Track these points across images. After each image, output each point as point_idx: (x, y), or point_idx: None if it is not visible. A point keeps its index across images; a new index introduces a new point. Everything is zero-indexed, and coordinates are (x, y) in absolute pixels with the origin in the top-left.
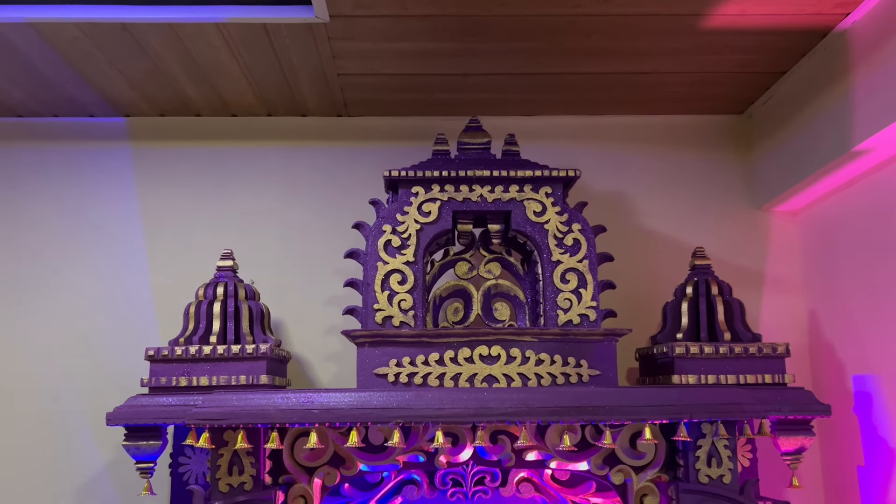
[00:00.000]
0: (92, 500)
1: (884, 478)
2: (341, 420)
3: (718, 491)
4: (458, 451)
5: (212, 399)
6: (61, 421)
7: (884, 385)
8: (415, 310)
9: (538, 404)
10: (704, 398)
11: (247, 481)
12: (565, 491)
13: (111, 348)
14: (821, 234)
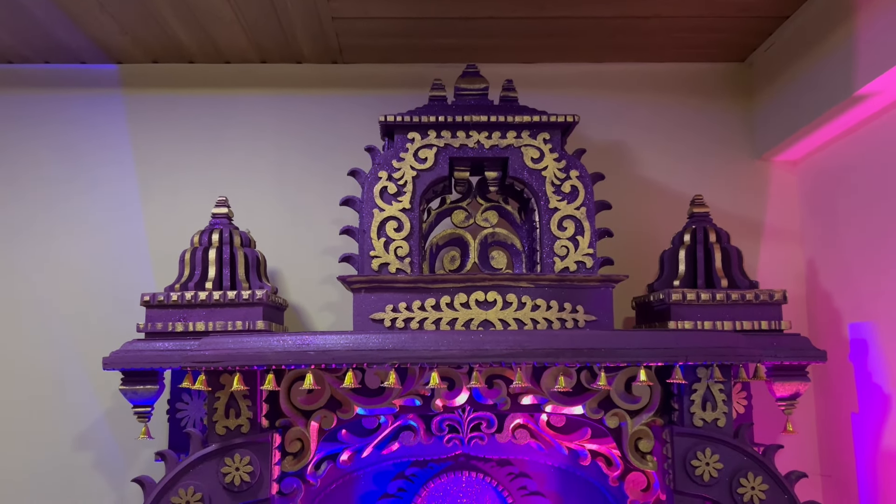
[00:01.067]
0: (90, 447)
1: (877, 424)
2: (337, 361)
3: (713, 434)
4: (454, 394)
5: (208, 342)
6: (58, 369)
7: (880, 332)
8: (411, 257)
9: (534, 346)
10: (700, 342)
11: (244, 424)
12: (561, 437)
13: (106, 296)
14: (820, 183)
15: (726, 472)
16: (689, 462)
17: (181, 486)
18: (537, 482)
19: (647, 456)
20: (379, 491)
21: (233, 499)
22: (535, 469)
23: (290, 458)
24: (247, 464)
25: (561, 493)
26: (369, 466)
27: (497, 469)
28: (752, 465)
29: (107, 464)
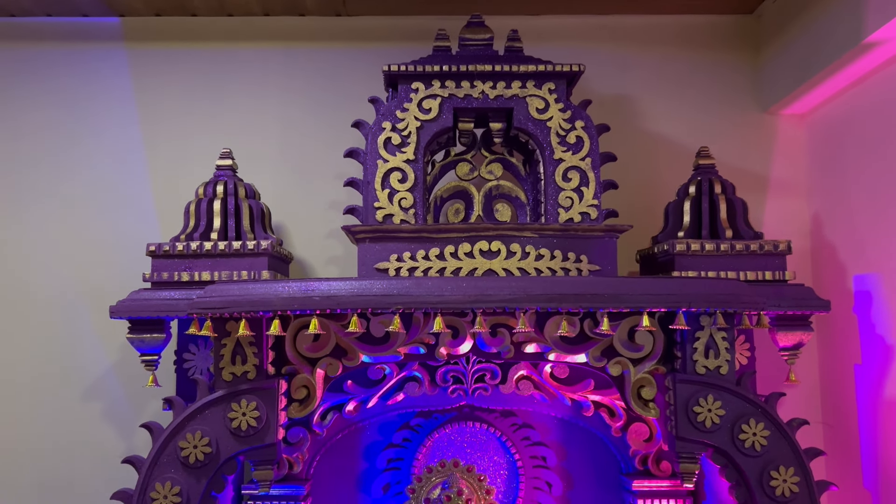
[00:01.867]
0: (99, 398)
1: (880, 375)
2: (342, 307)
3: (715, 381)
4: (458, 343)
5: (213, 289)
6: (65, 321)
7: (884, 283)
8: (415, 208)
9: (537, 291)
10: (703, 288)
11: (250, 370)
12: (564, 388)
13: (113, 249)
14: (827, 136)
15: (728, 418)
16: (690, 409)
17: (188, 430)
18: (541, 433)
19: (650, 403)
20: (384, 441)
21: (240, 443)
22: (538, 420)
23: (296, 405)
24: (253, 409)
25: (564, 444)
26: (374, 417)
27: (501, 420)
28: (754, 411)
29: (115, 414)
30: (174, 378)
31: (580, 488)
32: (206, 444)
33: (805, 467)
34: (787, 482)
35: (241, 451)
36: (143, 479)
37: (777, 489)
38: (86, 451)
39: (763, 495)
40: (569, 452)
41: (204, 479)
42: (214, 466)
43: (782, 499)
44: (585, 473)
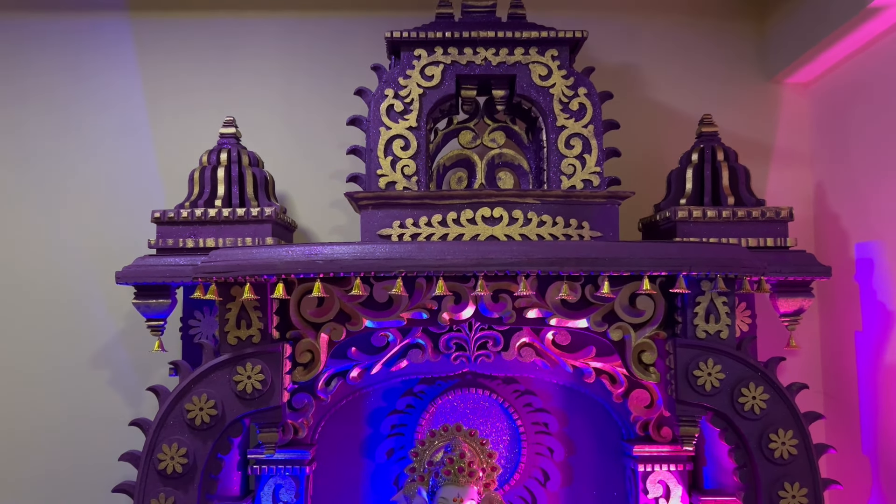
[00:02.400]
0: (105, 365)
1: (880, 342)
2: (345, 270)
3: (715, 346)
4: (461, 308)
5: (218, 253)
6: (72, 288)
7: (886, 250)
8: (418, 176)
9: (539, 255)
10: (704, 253)
11: (255, 334)
12: (566, 355)
13: (117, 216)
14: (831, 105)
15: (728, 382)
16: (691, 372)
17: (194, 393)
18: (542, 399)
19: (650, 368)
20: (388, 407)
21: (245, 406)
22: (540, 387)
23: (301, 369)
24: (258, 372)
25: (565, 410)
26: (378, 383)
27: (503, 386)
28: (754, 375)
29: (122, 380)
30: (180, 345)
31: (582, 454)
32: (212, 407)
33: (804, 430)
34: (786, 445)
35: (246, 413)
36: (151, 441)
37: (776, 451)
38: (94, 415)
39: (762, 458)
40: (570, 419)
41: (210, 441)
42: (220, 429)
43: (781, 461)
44: (587, 439)
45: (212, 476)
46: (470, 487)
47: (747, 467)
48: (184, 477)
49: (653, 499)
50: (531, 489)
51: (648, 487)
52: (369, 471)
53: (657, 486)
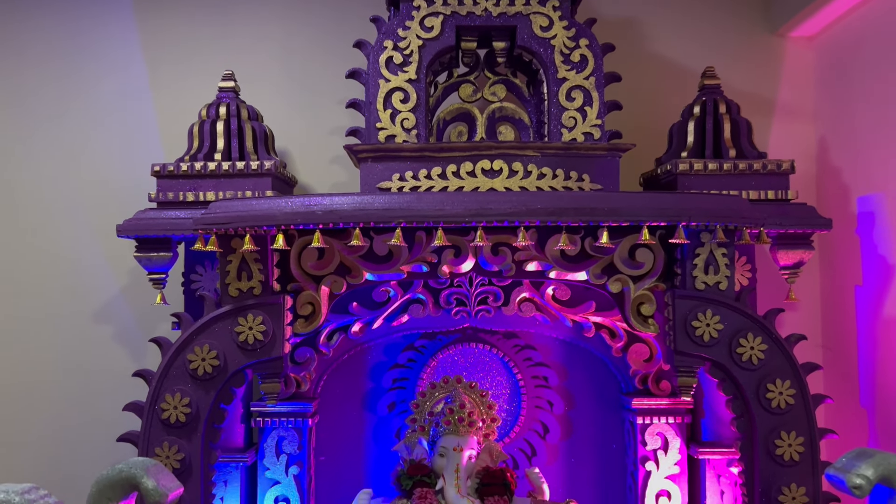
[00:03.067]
0: (109, 321)
1: (880, 295)
2: (344, 220)
3: (714, 297)
4: (460, 261)
5: (218, 205)
6: (74, 244)
7: (887, 203)
8: (417, 129)
9: (538, 205)
10: (704, 203)
11: (255, 286)
12: (565, 310)
13: (117, 171)
14: (835, 59)
15: (726, 332)
16: (689, 323)
17: (197, 344)
18: (542, 354)
19: (649, 320)
20: (389, 361)
21: (247, 356)
22: (540, 341)
23: (302, 321)
24: (259, 323)
25: (565, 364)
26: (380, 338)
27: (503, 341)
28: (753, 326)
29: (125, 336)
30: (182, 299)
31: (581, 407)
32: (214, 357)
33: (801, 380)
34: (783, 394)
35: (248, 364)
36: (154, 391)
37: (773, 401)
38: (98, 370)
39: (759, 407)
40: (570, 372)
41: (213, 391)
42: (223, 379)
43: (778, 410)
44: (586, 393)
45: (215, 425)
46: (470, 437)
47: (744, 417)
48: (187, 426)
49: (651, 451)
50: (531, 441)
51: (647, 439)
52: (371, 424)
53: (655, 438)
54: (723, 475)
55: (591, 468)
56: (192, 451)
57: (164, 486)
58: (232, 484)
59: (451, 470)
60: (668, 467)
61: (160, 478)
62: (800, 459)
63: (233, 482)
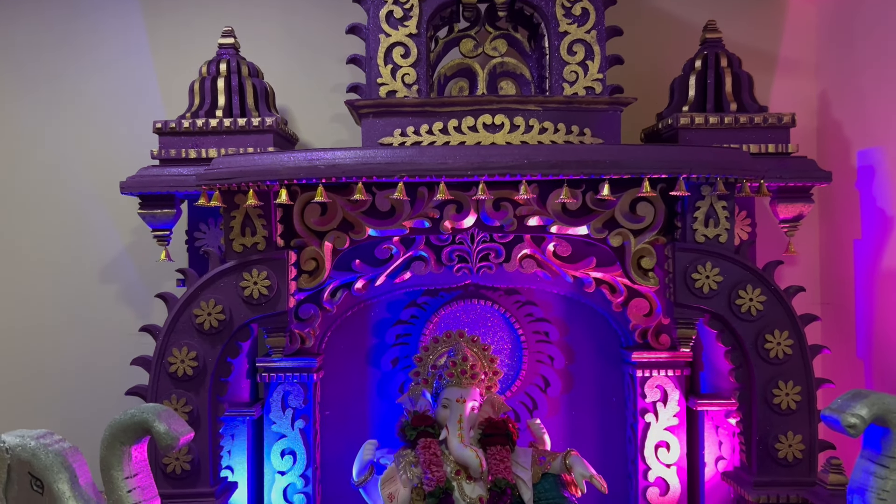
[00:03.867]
0: (114, 280)
1: (878, 248)
2: (346, 175)
3: (714, 249)
4: (462, 216)
5: (220, 160)
6: (79, 205)
7: (888, 155)
8: (418, 84)
9: (540, 158)
10: (704, 155)
11: (259, 242)
12: (566, 266)
13: (120, 130)
14: (838, 12)
15: (726, 284)
16: (689, 275)
17: (202, 299)
18: (543, 309)
19: (649, 273)
20: (392, 318)
21: (252, 311)
22: (541, 297)
23: (306, 276)
24: (264, 278)
25: (566, 320)
26: (383, 295)
27: (505, 297)
28: (752, 278)
29: (131, 293)
30: (186, 257)
31: (581, 361)
32: (220, 312)
33: (799, 331)
34: (781, 345)
35: (253, 318)
36: (161, 346)
37: (771, 352)
38: (105, 327)
39: (757, 357)
40: (570, 328)
41: (219, 345)
42: (229, 333)
43: (776, 361)
44: (586, 347)
45: (222, 379)
46: (472, 389)
47: (743, 367)
48: (194, 379)
49: (650, 403)
50: (532, 395)
51: (646, 392)
52: (375, 379)
53: (655, 390)
54: (721, 426)
55: (591, 421)
56: (200, 404)
57: (175, 430)
58: (239, 437)
59: (455, 421)
60: (668, 419)
61: (171, 422)
62: (797, 408)
63: (240, 436)
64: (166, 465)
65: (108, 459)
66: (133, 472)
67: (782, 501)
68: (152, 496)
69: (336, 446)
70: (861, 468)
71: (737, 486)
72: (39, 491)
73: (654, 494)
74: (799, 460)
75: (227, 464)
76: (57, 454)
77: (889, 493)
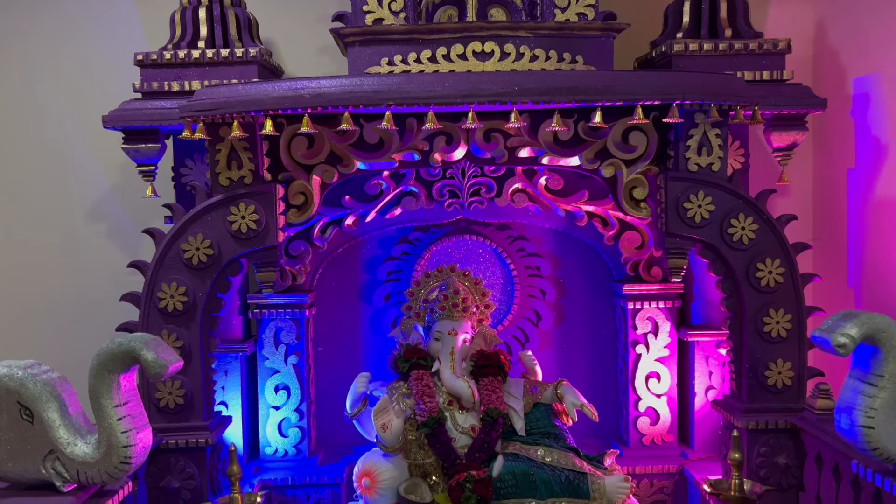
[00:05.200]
0: (102, 220)
1: (871, 177)
2: (332, 104)
3: (707, 178)
4: (452, 148)
5: (204, 91)
6: (62, 144)
7: (884, 82)
8: (406, 11)
9: (531, 84)
10: (698, 81)
11: (246, 175)
12: (558, 200)
13: (100, 62)
14: None
15: (718, 213)
16: (681, 205)
17: (190, 233)
18: (535, 244)
19: (641, 204)
20: (384, 254)
21: (241, 245)
22: (532, 232)
23: (295, 211)
24: (252, 212)
25: (557, 254)
26: (374, 231)
27: (496, 233)
28: (744, 207)
29: (119, 232)
30: (174, 195)
31: (572, 295)
32: (208, 247)
33: (791, 260)
34: (773, 273)
35: (242, 253)
36: (150, 281)
37: (762, 280)
38: (94, 266)
39: (748, 286)
40: (562, 262)
41: (208, 280)
42: (218, 268)
43: (767, 289)
44: (578, 281)
45: (212, 314)
46: (464, 322)
47: (734, 297)
48: (185, 314)
49: (641, 334)
50: (524, 329)
51: (637, 324)
52: (367, 315)
53: (646, 322)
54: (711, 356)
55: (582, 353)
56: (192, 339)
57: (163, 358)
58: (232, 374)
59: (447, 353)
60: (658, 350)
61: (159, 351)
62: (787, 336)
63: (233, 372)
64: (159, 399)
65: (97, 388)
66: (122, 401)
67: (771, 427)
68: (143, 424)
69: (329, 381)
70: (849, 387)
71: (726, 413)
72: (29, 420)
73: (645, 424)
74: (788, 387)
75: (221, 399)
76: (45, 384)
77: (877, 410)
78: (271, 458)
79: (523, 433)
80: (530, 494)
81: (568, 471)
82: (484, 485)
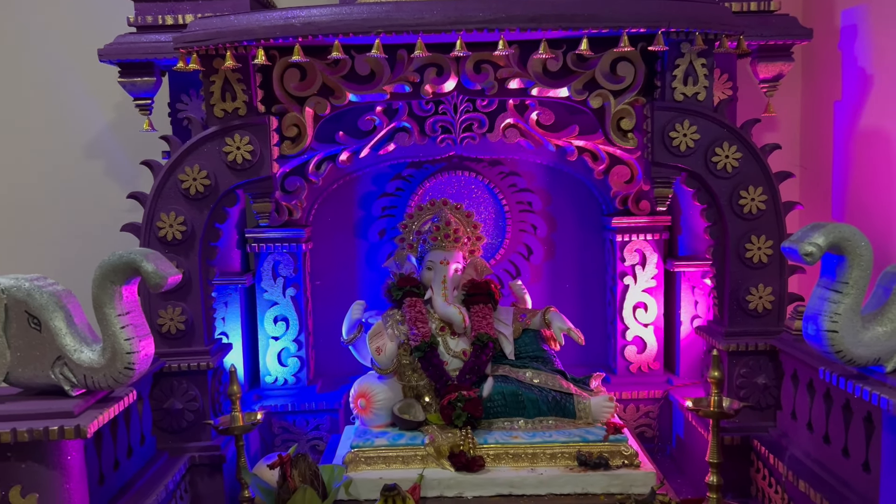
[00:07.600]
0: (99, 157)
1: (857, 108)
2: (323, 32)
3: (692, 108)
4: (443, 80)
5: (196, 23)
6: (58, 81)
7: (871, 12)
8: None
9: (518, 11)
10: (684, 10)
11: (240, 107)
12: (549, 135)
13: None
14: None
15: (703, 142)
16: (667, 134)
17: (187, 164)
18: (526, 180)
19: (629, 134)
20: (378, 191)
21: (237, 176)
22: (524, 167)
23: (289, 143)
24: (247, 143)
25: (548, 190)
26: (368, 167)
27: (489, 168)
28: (729, 136)
29: (117, 169)
30: (171, 130)
31: (563, 229)
32: (205, 177)
33: (773, 188)
34: (756, 201)
35: (238, 183)
36: (149, 211)
37: (745, 207)
38: (93, 202)
39: (732, 214)
40: (553, 197)
41: (206, 210)
42: (215, 198)
43: (749, 216)
44: (568, 216)
45: (211, 243)
46: (456, 252)
47: (717, 224)
48: (184, 243)
49: (629, 266)
50: (515, 263)
51: (625, 256)
52: (363, 250)
53: (634, 254)
54: (697, 286)
55: (572, 286)
56: (191, 268)
57: (163, 270)
58: (232, 305)
59: (439, 281)
60: (646, 281)
61: (159, 263)
62: (768, 262)
63: (233, 303)
64: (161, 325)
65: (100, 298)
66: (125, 311)
67: (751, 349)
68: (145, 334)
69: (327, 314)
70: (816, 296)
71: (709, 337)
72: (37, 328)
73: (632, 352)
74: (768, 311)
75: (221, 330)
76: (51, 294)
77: (840, 315)
78: (271, 387)
79: (512, 357)
80: (518, 413)
81: (555, 391)
82: (474, 404)
